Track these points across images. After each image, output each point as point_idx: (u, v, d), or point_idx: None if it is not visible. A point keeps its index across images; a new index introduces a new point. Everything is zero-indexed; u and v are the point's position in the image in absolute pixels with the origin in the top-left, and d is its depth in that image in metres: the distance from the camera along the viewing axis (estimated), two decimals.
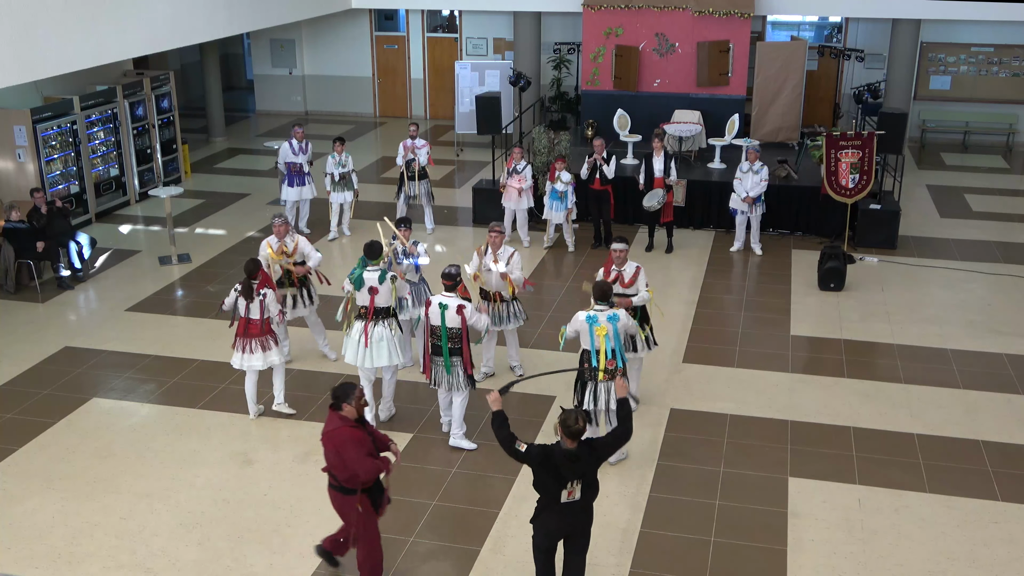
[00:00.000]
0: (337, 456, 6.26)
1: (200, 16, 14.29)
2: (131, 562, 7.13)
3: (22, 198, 13.25)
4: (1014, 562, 7.14)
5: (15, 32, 10.60)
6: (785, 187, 14.27)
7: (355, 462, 6.21)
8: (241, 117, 23.19)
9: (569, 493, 5.98)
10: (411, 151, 14.15)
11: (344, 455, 6.22)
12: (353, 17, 21.76)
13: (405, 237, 9.58)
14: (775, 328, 11.20)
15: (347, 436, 6.23)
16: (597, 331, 7.81)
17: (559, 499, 5.98)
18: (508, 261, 9.50)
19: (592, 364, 7.89)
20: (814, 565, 7.10)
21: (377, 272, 8.63)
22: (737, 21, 16.43)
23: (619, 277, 8.89)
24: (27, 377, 10.04)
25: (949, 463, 8.43)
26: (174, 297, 12.19)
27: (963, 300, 12.01)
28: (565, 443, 5.89)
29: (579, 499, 6.04)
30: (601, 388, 7.93)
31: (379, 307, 8.62)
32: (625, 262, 8.93)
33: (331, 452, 6.29)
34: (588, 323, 7.88)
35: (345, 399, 6.30)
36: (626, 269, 8.90)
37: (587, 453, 5.96)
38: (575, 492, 6.00)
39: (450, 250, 13.77)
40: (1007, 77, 19.73)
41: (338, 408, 6.31)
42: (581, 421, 5.87)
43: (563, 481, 5.93)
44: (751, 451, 8.59)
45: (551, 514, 6.06)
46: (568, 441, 5.88)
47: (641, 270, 8.94)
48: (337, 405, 6.31)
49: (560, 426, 5.88)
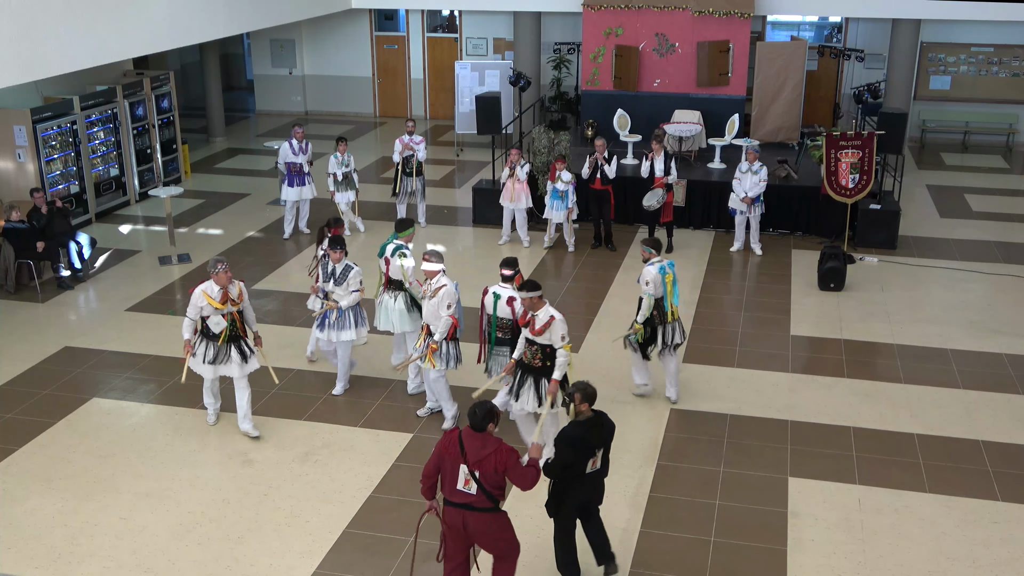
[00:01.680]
0: (498, 475, 6.10)
1: (200, 16, 14.29)
2: (131, 562, 7.13)
3: (22, 198, 13.25)
4: (1014, 562, 7.14)
5: (15, 32, 10.60)
6: (785, 187, 14.27)
7: (523, 476, 6.13)
8: (241, 117, 23.19)
9: (593, 463, 6.44)
10: (409, 147, 14.19)
11: (512, 477, 6.10)
12: (353, 17, 21.76)
13: (337, 257, 9.14)
14: (775, 328, 11.20)
15: (509, 456, 6.11)
16: (666, 278, 8.99)
17: (585, 471, 6.42)
18: (435, 293, 8.50)
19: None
20: (814, 565, 7.10)
21: (395, 246, 9.39)
22: (737, 21, 16.43)
23: (532, 321, 7.91)
24: (27, 377, 10.04)
25: (949, 463, 8.43)
26: (174, 297, 12.19)
27: (963, 300, 12.01)
28: (582, 411, 6.41)
29: (600, 467, 6.56)
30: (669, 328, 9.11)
31: (392, 278, 9.43)
32: (538, 308, 7.83)
33: (490, 473, 6.08)
34: (660, 274, 8.96)
35: (491, 419, 6.13)
36: (539, 315, 7.82)
37: (603, 419, 6.52)
38: (597, 461, 6.49)
39: (449, 250, 13.77)
40: (1007, 77, 19.74)
41: (482, 429, 6.11)
42: (593, 386, 6.44)
43: (590, 452, 6.38)
44: (751, 451, 8.59)
45: (579, 487, 6.50)
46: (585, 407, 6.41)
47: (556, 322, 7.75)
48: (482, 425, 6.11)
49: (583, 398, 6.39)
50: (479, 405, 6.16)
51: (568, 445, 6.33)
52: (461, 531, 6.23)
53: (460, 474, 6.10)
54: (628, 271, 12.94)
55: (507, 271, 8.49)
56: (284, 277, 12.80)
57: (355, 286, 9.15)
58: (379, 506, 7.82)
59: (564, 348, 7.79)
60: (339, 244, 9.15)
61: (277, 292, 12.25)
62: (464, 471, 6.08)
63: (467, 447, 6.09)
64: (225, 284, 8.37)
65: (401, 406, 9.29)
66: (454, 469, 6.12)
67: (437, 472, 6.26)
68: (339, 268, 9.14)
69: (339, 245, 9.14)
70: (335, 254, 9.12)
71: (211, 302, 8.37)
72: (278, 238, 14.32)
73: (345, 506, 7.80)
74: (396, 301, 9.42)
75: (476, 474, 6.06)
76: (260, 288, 12.39)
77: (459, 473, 6.10)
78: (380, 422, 9.08)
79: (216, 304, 8.38)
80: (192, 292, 8.47)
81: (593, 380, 9.67)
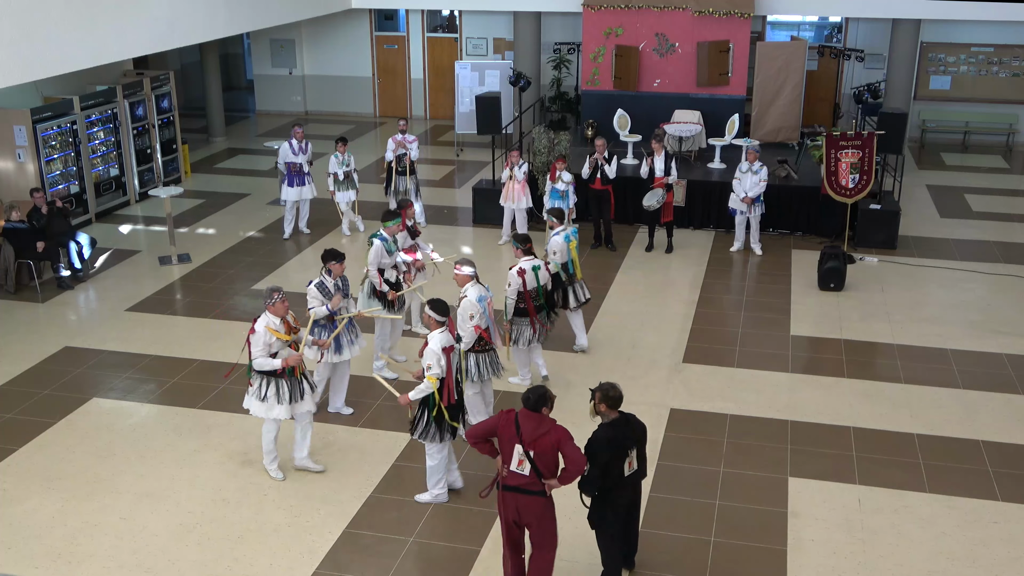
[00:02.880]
0: (554, 454, 6.19)
1: (200, 16, 14.29)
2: (131, 562, 7.13)
3: (22, 198, 13.24)
4: (1014, 562, 7.14)
5: (15, 32, 10.60)
6: (785, 187, 14.27)
7: (578, 455, 6.19)
8: (241, 117, 23.19)
9: (629, 464, 6.39)
10: (402, 146, 14.21)
11: (566, 451, 6.17)
12: (353, 17, 21.76)
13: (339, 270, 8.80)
14: (775, 328, 11.20)
15: (564, 432, 6.21)
16: (570, 245, 10.01)
17: (623, 474, 6.37)
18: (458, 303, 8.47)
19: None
20: (814, 565, 7.10)
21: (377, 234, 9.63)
22: (737, 21, 16.43)
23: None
24: (27, 377, 10.04)
25: (949, 463, 8.43)
26: (174, 297, 12.19)
27: (963, 300, 12.01)
28: (603, 412, 6.36)
29: (637, 468, 6.49)
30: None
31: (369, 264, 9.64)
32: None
33: (548, 453, 6.16)
34: (564, 242, 9.90)
35: (545, 403, 6.23)
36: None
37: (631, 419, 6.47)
38: (633, 462, 6.43)
39: (449, 250, 13.75)
40: (1007, 77, 19.73)
41: (537, 410, 6.20)
42: (618, 389, 6.34)
43: (623, 453, 6.32)
44: (751, 451, 8.59)
45: (621, 491, 6.44)
46: (611, 412, 6.36)
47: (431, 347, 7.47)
48: (537, 407, 6.20)
49: (602, 399, 6.32)
50: (532, 390, 6.26)
51: (601, 447, 6.26)
52: (514, 516, 6.36)
53: (515, 454, 6.19)
54: (628, 271, 12.95)
55: (529, 244, 9.37)
56: (284, 277, 12.80)
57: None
58: (379, 506, 7.82)
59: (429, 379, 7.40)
60: (339, 257, 8.73)
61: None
62: (519, 451, 6.17)
63: (523, 427, 6.18)
64: (283, 314, 7.79)
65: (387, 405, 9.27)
66: (509, 449, 6.22)
67: (483, 436, 6.37)
68: (339, 281, 8.76)
69: (339, 258, 8.73)
70: (339, 267, 8.68)
71: (279, 336, 7.74)
72: (278, 238, 14.32)
73: (345, 506, 7.80)
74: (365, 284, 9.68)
75: (531, 454, 6.14)
76: (260, 288, 12.38)
77: (513, 453, 6.19)
78: (380, 422, 9.08)
79: (284, 337, 7.78)
80: (252, 332, 7.70)
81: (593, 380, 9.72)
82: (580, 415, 9.06)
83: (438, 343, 7.39)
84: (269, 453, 8.15)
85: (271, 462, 8.17)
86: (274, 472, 8.16)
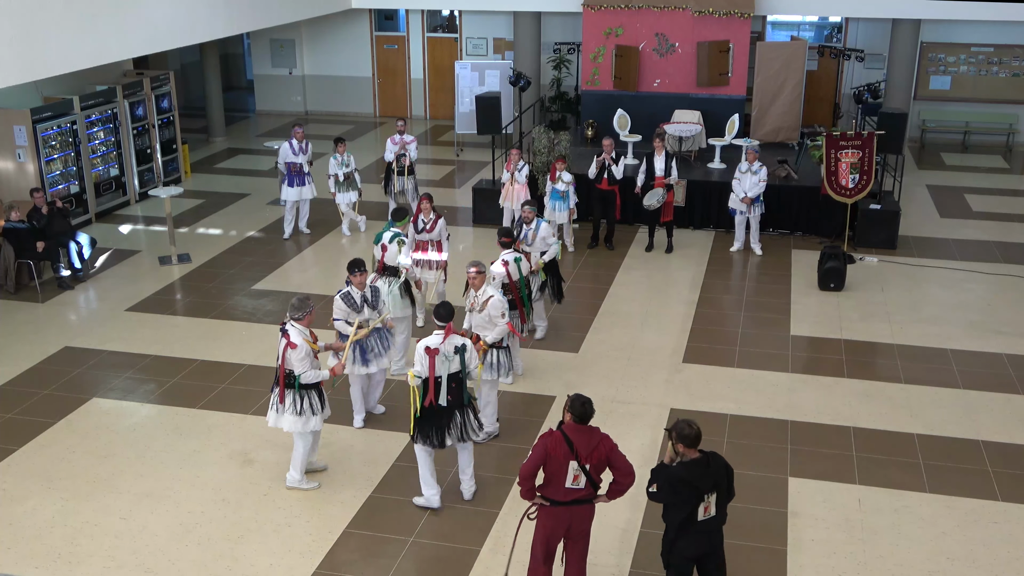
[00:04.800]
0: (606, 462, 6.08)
1: (200, 16, 14.29)
2: (131, 562, 7.13)
3: (22, 198, 13.25)
4: (1014, 562, 7.14)
5: (15, 32, 10.60)
6: (785, 187, 14.27)
7: (627, 465, 6.10)
8: (241, 117, 23.19)
9: (705, 509, 5.89)
10: (401, 146, 14.22)
11: (616, 462, 6.08)
12: (353, 17, 21.77)
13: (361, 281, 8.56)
14: (775, 328, 11.20)
15: (611, 441, 6.13)
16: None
17: (696, 518, 5.89)
18: (483, 306, 8.51)
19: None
20: (814, 565, 7.10)
21: (391, 233, 9.76)
22: (737, 21, 16.43)
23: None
24: (27, 377, 10.04)
25: (949, 463, 8.43)
26: (174, 297, 12.19)
27: (963, 300, 12.01)
28: (682, 452, 5.84)
29: (715, 514, 5.96)
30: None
31: (387, 264, 9.70)
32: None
33: (601, 463, 6.06)
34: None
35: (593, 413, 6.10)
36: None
37: (712, 460, 5.90)
38: (711, 507, 5.91)
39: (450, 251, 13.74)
40: (1007, 77, 19.73)
41: (586, 422, 6.08)
42: (695, 426, 5.81)
43: (698, 498, 5.84)
44: (751, 451, 8.58)
45: (689, 536, 5.94)
46: (691, 452, 5.83)
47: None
48: (586, 419, 6.07)
49: (678, 438, 5.82)
50: (577, 402, 6.07)
51: (665, 484, 5.85)
52: (563, 531, 6.24)
53: (569, 471, 6.04)
54: (628, 271, 12.94)
55: (507, 239, 9.64)
56: (284, 277, 12.81)
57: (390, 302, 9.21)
58: (379, 506, 7.82)
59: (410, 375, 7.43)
60: (361, 267, 8.48)
61: (277, 292, 12.25)
62: (574, 467, 6.03)
63: (576, 443, 6.03)
64: (308, 325, 7.71)
65: (402, 406, 9.27)
66: (562, 468, 6.05)
67: (536, 468, 6.10)
68: (368, 292, 8.56)
69: (361, 268, 8.47)
70: (359, 278, 8.41)
71: (313, 346, 7.67)
72: (278, 238, 14.32)
73: (345, 506, 7.80)
74: (390, 286, 9.64)
75: (587, 467, 6.04)
76: (260, 288, 12.39)
77: (568, 471, 6.04)
78: (380, 422, 9.08)
79: (314, 347, 7.72)
80: (293, 347, 7.50)
81: (592, 380, 9.79)
82: None
83: (423, 344, 7.37)
84: (301, 468, 7.93)
85: (303, 475, 7.98)
86: (308, 483, 8.00)
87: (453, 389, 7.47)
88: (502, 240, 9.66)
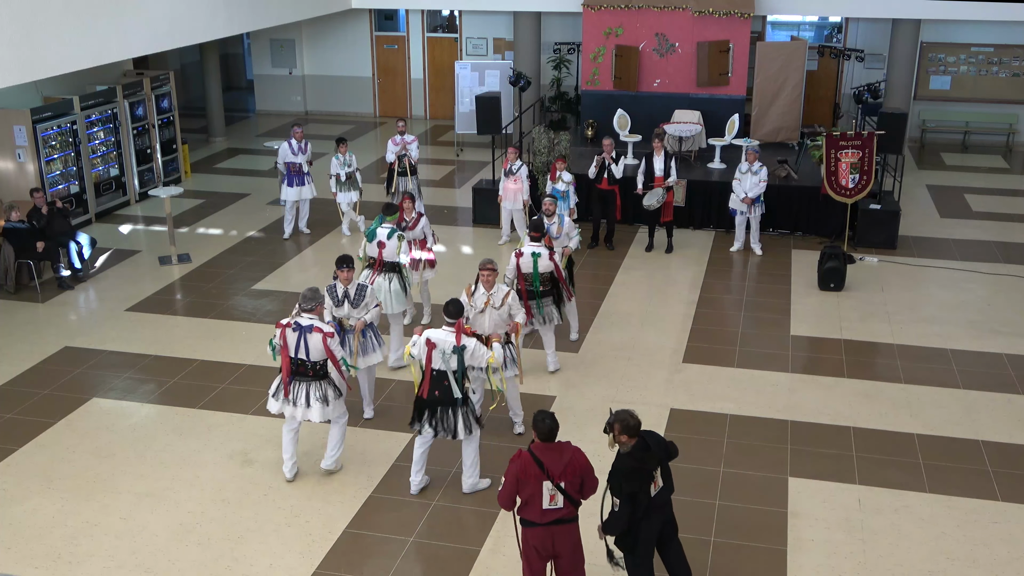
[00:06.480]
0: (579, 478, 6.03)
1: (200, 16, 14.29)
2: (131, 562, 7.13)
3: (22, 198, 13.24)
4: (1014, 562, 7.14)
5: (15, 32, 10.60)
6: (785, 187, 14.27)
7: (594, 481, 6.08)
8: (241, 117, 23.19)
9: (655, 485, 6.14)
10: (402, 147, 14.22)
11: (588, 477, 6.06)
12: (353, 17, 21.77)
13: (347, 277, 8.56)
14: (775, 328, 11.20)
15: (583, 455, 6.08)
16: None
17: (650, 496, 6.10)
18: (502, 302, 8.52)
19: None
20: (814, 565, 7.10)
21: (387, 229, 9.74)
22: (737, 21, 16.43)
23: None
24: (27, 377, 10.04)
25: (949, 463, 8.43)
26: (174, 297, 12.19)
27: (963, 300, 12.01)
28: (623, 442, 6.01)
29: (663, 486, 6.22)
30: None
31: (386, 260, 9.75)
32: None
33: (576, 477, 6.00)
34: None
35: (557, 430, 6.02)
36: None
37: (649, 438, 6.13)
38: (658, 481, 6.18)
39: (449, 250, 13.77)
40: (1007, 77, 19.73)
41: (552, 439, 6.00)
42: (636, 416, 6.04)
43: (649, 478, 6.05)
44: (751, 451, 8.59)
45: (649, 518, 6.14)
46: (628, 439, 6.02)
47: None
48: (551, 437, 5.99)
49: (622, 430, 5.98)
50: (540, 421, 5.97)
51: (627, 477, 5.97)
52: (549, 551, 6.12)
53: (544, 492, 5.93)
54: (628, 271, 12.94)
55: (536, 232, 9.64)
56: (284, 277, 12.81)
57: (375, 302, 8.76)
58: (379, 506, 7.82)
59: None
60: (350, 263, 8.53)
61: (277, 292, 12.25)
62: (548, 487, 5.92)
63: (546, 462, 5.93)
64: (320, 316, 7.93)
65: (401, 406, 9.28)
66: (536, 490, 5.93)
67: (515, 497, 6.02)
68: (351, 289, 8.55)
69: (349, 264, 8.53)
70: (345, 274, 8.46)
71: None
72: (278, 238, 14.32)
73: (345, 506, 7.80)
74: (391, 283, 9.72)
75: (562, 485, 5.93)
76: (260, 288, 12.39)
77: (543, 492, 5.93)
78: (380, 422, 9.08)
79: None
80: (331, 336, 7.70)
81: (592, 380, 9.80)
82: (581, 414, 9.10)
83: (427, 333, 7.47)
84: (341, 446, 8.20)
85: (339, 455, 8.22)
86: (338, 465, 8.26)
87: (443, 386, 7.51)
88: (531, 235, 9.68)
